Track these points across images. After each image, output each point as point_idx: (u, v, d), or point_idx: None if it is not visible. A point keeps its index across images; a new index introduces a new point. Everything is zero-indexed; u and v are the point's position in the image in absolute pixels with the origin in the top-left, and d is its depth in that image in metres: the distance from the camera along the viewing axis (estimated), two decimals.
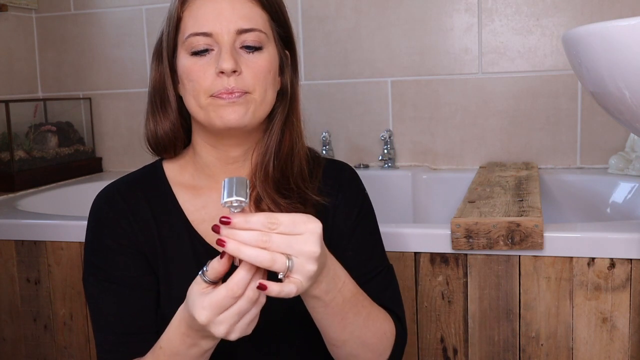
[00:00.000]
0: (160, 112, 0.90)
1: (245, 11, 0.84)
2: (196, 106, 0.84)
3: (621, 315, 1.14)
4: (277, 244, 0.65)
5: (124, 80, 2.24)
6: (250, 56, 0.84)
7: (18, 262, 1.52)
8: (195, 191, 0.91)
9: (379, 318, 0.86)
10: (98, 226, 0.88)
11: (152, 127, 0.91)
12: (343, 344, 0.82)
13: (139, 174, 0.94)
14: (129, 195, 0.89)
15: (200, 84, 0.83)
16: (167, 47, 0.87)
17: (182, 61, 0.85)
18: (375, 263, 0.94)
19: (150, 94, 0.91)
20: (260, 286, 0.66)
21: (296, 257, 0.66)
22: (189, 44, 0.83)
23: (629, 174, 1.73)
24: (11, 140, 1.92)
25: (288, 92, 0.91)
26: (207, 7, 0.83)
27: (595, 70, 0.86)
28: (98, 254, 0.87)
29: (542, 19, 1.83)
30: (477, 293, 1.21)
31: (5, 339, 1.57)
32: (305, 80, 2.04)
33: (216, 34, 0.82)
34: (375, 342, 0.85)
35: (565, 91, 1.83)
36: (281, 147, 0.89)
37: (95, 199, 0.90)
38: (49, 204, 1.84)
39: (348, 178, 0.97)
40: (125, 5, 2.17)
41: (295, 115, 0.91)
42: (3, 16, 2.14)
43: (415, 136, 1.98)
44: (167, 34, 0.87)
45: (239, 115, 0.82)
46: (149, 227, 0.88)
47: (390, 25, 1.96)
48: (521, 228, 1.15)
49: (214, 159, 0.90)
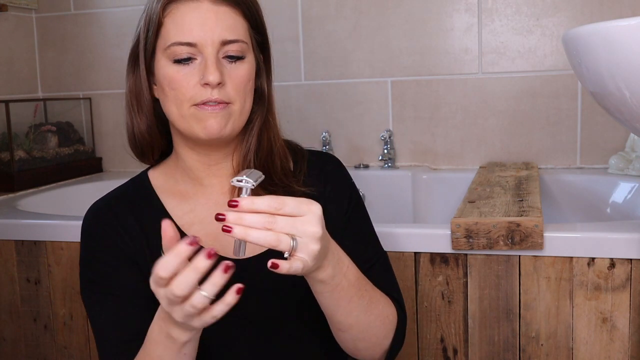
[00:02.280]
0: (137, 113, 0.91)
1: (229, 22, 0.85)
2: (177, 114, 0.85)
3: (621, 315, 1.14)
4: (282, 225, 0.68)
5: (124, 80, 2.23)
6: (232, 66, 0.85)
7: (18, 262, 1.52)
8: (182, 196, 0.93)
9: (381, 302, 0.88)
10: (89, 240, 0.90)
11: (130, 127, 0.92)
12: (349, 328, 0.84)
13: (126, 186, 0.96)
14: (117, 208, 0.91)
15: (184, 93, 0.83)
16: (145, 51, 0.87)
17: (164, 69, 0.85)
18: (372, 250, 0.96)
19: (127, 96, 0.92)
20: (273, 265, 0.69)
21: (300, 237, 0.69)
22: (172, 52, 0.83)
23: (629, 174, 1.73)
24: (11, 140, 1.92)
25: (265, 95, 0.93)
26: (191, 16, 0.83)
27: (595, 70, 0.86)
28: (92, 268, 0.89)
29: (542, 19, 1.83)
30: (477, 293, 1.21)
31: (5, 339, 1.57)
32: (305, 80, 2.04)
33: (200, 45, 0.83)
34: (379, 325, 0.87)
35: (565, 91, 1.83)
36: (260, 147, 0.92)
37: (86, 215, 0.93)
38: (49, 204, 1.84)
39: (333, 169, 0.98)
40: (125, 5, 2.18)
41: (272, 115, 0.94)
42: (3, 16, 2.14)
43: (415, 136, 1.98)
44: (145, 37, 0.87)
45: (220, 126, 0.84)
46: (138, 239, 0.90)
47: (390, 25, 1.96)
48: (521, 228, 1.15)
49: (195, 162, 0.92)
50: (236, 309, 0.89)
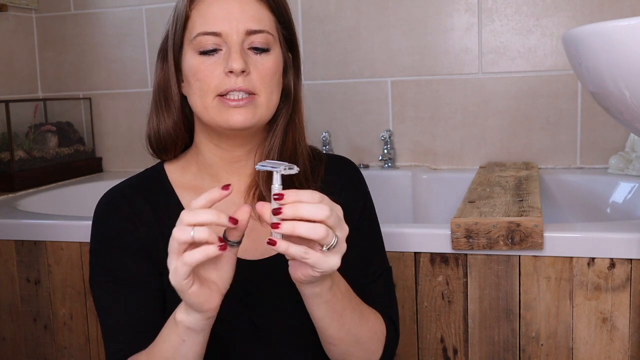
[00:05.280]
0: (164, 110, 0.90)
1: (254, 12, 0.84)
2: (202, 106, 0.85)
3: (621, 315, 1.14)
4: (333, 220, 0.67)
5: (124, 80, 2.24)
6: (257, 57, 0.84)
7: (18, 262, 1.52)
8: (198, 191, 0.91)
9: (371, 317, 0.88)
10: (103, 228, 0.88)
11: (155, 125, 0.91)
12: (340, 342, 0.84)
13: (140, 177, 0.94)
14: (132, 198, 0.90)
15: (208, 83, 0.83)
16: (174, 46, 0.87)
17: (189, 60, 0.85)
18: (377, 265, 0.95)
19: (155, 92, 0.91)
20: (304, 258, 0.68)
21: (339, 235, 0.69)
22: (197, 43, 0.83)
23: (629, 174, 1.73)
24: (11, 140, 1.92)
25: (291, 94, 0.91)
26: (217, 7, 0.83)
27: (595, 70, 0.86)
28: (104, 256, 0.88)
29: (542, 19, 1.83)
30: (477, 293, 1.21)
31: (5, 339, 1.57)
32: (305, 80, 2.04)
33: (225, 34, 0.83)
34: (368, 340, 0.87)
35: (565, 91, 1.83)
36: (284, 148, 0.90)
37: (99, 204, 0.91)
38: (49, 204, 1.84)
39: (349, 175, 0.97)
40: (125, 5, 2.17)
41: (298, 116, 0.92)
42: (3, 16, 2.14)
43: (415, 136, 1.98)
44: (173, 32, 0.87)
45: (245, 118, 0.83)
46: (152, 229, 0.88)
47: (390, 25, 1.96)
48: (521, 228, 1.15)
49: (217, 158, 0.90)
50: (242, 314, 0.89)
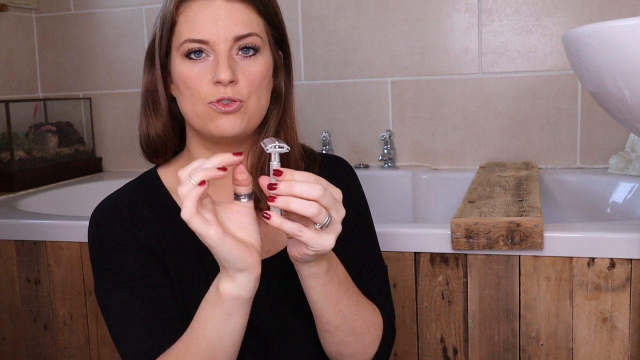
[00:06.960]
0: (152, 113, 0.90)
1: (243, 18, 0.84)
2: (193, 112, 0.85)
3: (621, 315, 1.14)
4: (327, 200, 0.70)
5: (124, 80, 2.24)
6: (245, 62, 0.84)
7: (18, 262, 1.52)
8: None
9: (368, 308, 0.88)
10: (104, 234, 0.88)
11: (144, 128, 0.91)
12: (336, 329, 0.84)
13: (135, 183, 0.95)
14: (130, 202, 0.90)
15: (199, 92, 0.83)
16: (160, 50, 0.87)
17: (178, 67, 0.85)
18: (373, 264, 0.95)
19: (143, 96, 0.91)
20: (295, 231, 0.70)
21: (334, 215, 0.71)
22: (184, 50, 0.83)
23: (629, 174, 1.73)
24: (11, 140, 1.92)
25: (282, 94, 0.91)
26: (204, 13, 0.82)
27: (595, 70, 0.86)
28: (109, 261, 0.87)
29: (542, 19, 1.83)
30: (477, 293, 1.21)
31: (5, 339, 1.57)
32: (305, 80, 2.04)
33: (213, 42, 0.82)
34: (364, 331, 0.87)
35: (565, 91, 1.83)
36: None
37: (95, 212, 0.90)
38: (49, 204, 1.84)
39: (345, 176, 0.98)
40: (125, 5, 2.17)
41: (290, 115, 0.92)
42: (3, 16, 2.14)
43: (415, 136, 1.98)
44: (160, 37, 0.87)
45: (234, 124, 0.83)
46: (154, 229, 0.88)
47: (390, 25, 1.96)
48: (521, 228, 1.15)
49: None
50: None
